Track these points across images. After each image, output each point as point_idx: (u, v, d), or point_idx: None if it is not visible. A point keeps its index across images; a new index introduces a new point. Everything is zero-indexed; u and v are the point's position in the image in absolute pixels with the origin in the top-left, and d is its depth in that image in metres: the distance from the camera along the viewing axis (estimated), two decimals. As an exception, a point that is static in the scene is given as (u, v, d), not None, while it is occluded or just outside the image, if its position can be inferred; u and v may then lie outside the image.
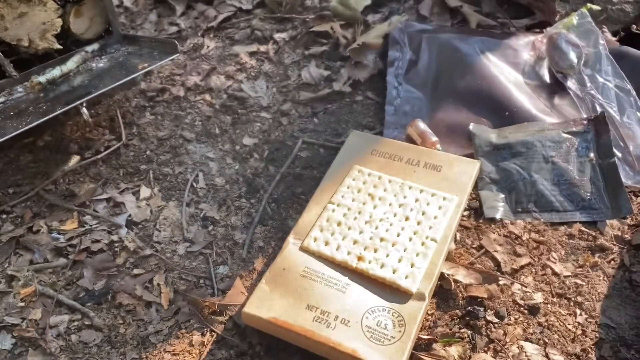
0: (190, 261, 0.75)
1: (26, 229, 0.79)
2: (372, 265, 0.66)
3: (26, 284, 0.72)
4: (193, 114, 0.98)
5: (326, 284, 0.65)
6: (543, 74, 0.96)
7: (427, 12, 1.15)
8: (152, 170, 0.88)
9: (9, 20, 0.84)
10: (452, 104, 0.93)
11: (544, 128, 0.85)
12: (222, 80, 1.05)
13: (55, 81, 0.89)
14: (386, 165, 0.79)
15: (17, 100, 0.87)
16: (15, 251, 0.77)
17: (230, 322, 0.67)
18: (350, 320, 0.61)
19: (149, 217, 0.81)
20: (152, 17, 1.23)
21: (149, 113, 0.99)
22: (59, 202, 0.83)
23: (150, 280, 0.73)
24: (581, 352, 0.62)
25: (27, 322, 0.68)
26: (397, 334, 0.59)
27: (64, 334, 0.67)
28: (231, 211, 0.82)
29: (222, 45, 1.14)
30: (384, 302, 0.63)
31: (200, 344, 0.65)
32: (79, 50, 0.94)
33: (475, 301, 0.67)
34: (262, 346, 0.64)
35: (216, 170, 0.88)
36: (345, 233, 0.70)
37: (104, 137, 0.94)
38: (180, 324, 0.68)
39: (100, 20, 0.96)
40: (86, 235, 0.78)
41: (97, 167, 0.89)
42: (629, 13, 1.04)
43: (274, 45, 1.13)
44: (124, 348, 0.66)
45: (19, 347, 0.66)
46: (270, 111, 0.98)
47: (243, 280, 0.72)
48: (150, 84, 1.04)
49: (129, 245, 0.76)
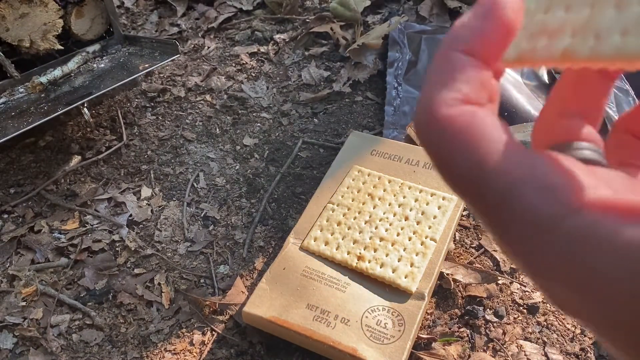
0: (190, 261, 0.75)
1: (27, 228, 0.80)
2: (371, 264, 0.66)
3: (27, 284, 0.73)
4: (194, 115, 0.99)
5: (326, 283, 0.65)
6: (542, 75, 0.96)
7: (427, 13, 1.15)
8: (153, 170, 0.89)
9: (10, 20, 0.84)
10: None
11: (543, 128, 0.85)
12: (223, 80, 1.05)
13: (57, 82, 0.90)
14: (386, 165, 0.79)
15: (18, 100, 0.87)
16: (16, 251, 0.77)
17: (230, 322, 0.68)
18: (350, 320, 0.61)
19: (150, 216, 0.81)
20: (153, 18, 1.23)
21: (149, 113, 0.99)
22: (60, 202, 0.83)
23: (151, 279, 0.73)
24: (580, 351, 0.62)
25: (29, 322, 0.69)
26: (397, 333, 0.60)
27: (65, 334, 0.68)
28: (232, 211, 0.82)
29: (222, 46, 1.14)
30: (384, 301, 0.63)
31: (201, 343, 0.66)
32: (80, 51, 0.95)
33: (474, 300, 0.67)
34: (262, 345, 0.65)
35: (217, 170, 0.89)
36: (345, 233, 0.70)
37: (105, 137, 0.94)
38: (181, 323, 0.68)
39: (102, 21, 0.97)
40: (87, 235, 0.79)
41: (98, 167, 0.89)
42: None
43: (274, 46, 1.13)
44: (125, 347, 0.66)
45: (20, 346, 0.67)
46: (270, 111, 0.99)
47: (243, 280, 0.72)
48: (151, 84, 1.04)
49: (130, 244, 0.77)
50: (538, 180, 0.16)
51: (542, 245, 0.15)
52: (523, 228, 0.16)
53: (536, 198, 0.16)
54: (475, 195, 0.17)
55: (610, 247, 0.14)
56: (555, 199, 0.15)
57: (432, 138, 0.18)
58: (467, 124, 0.17)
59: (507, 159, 0.17)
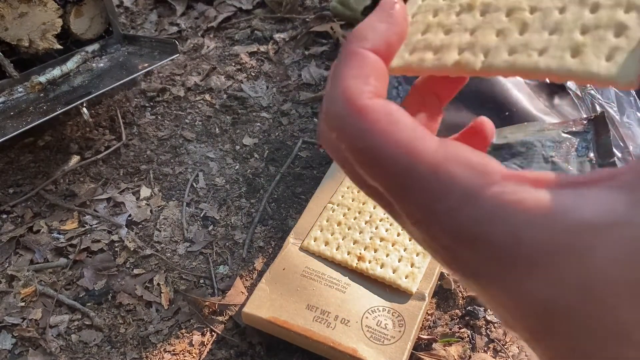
0: (190, 261, 0.75)
1: (26, 228, 0.79)
2: (372, 265, 0.66)
3: (26, 284, 0.72)
4: (193, 114, 0.99)
5: (326, 283, 0.65)
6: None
7: (427, 12, 1.15)
8: (152, 170, 0.88)
9: (9, 20, 0.84)
10: (451, 104, 0.92)
11: (543, 128, 0.85)
12: (222, 80, 1.05)
13: (56, 81, 0.89)
14: (386, 165, 0.79)
15: (17, 100, 0.87)
16: (15, 251, 0.77)
17: (230, 322, 0.67)
18: (350, 320, 0.61)
19: (149, 217, 0.81)
20: (153, 17, 1.23)
21: (149, 113, 0.99)
22: (59, 202, 0.83)
23: (150, 280, 0.73)
24: (581, 351, 0.62)
25: (28, 322, 0.68)
26: (397, 334, 0.60)
27: (64, 334, 0.67)
28: (231, 211, 0.82)
29: (222, 46, 1.14)
30: (384, 301, 0.63)
31: (201, 344, 0.65)
32: (79, 51, 0.94)
33: (475, 301, 0.67)
34: (262, 346, 0.64)
35: (216, 170, 0.88)
36: (345, 233, 0.70)
37: (104, 137, 0.94)
38: (181, 323, 0.68)
39: (101, 21, 0.96)
40: (86, 235, 0.78)
41: (97, 167, 0.89)
42: None
43: (274, 45, 1.13)
44: (124, 348, 0.66)
45: (19, 347, 0.66)
46: (270, 111, 0.99)
47: (243, 280, 0.72)
48: (150, 84, 1.04)
49: (129, 245, 0.76)
50: (462, 159, 0.19)
51: (470, 211, 0.18)
52: (453, 199, 0.18)
53: (463, 173, 0.18)
54: (404, 174, 0.19)
55: (530, 205, 0.17)
56: (479, 173, 0.18)
57: (358, 126, 0.20)
58: (388, 113, 0.20)
59: (433, 140, 0.19)
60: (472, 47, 0.23)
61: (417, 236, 0.21)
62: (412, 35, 0.25)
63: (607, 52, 0.20)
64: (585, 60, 0.20)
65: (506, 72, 0.22)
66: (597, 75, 0.19)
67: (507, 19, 0.23)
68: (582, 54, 0.20)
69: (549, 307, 0.17)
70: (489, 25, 0.23)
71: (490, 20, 0.23)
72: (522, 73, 0.21)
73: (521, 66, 0.21)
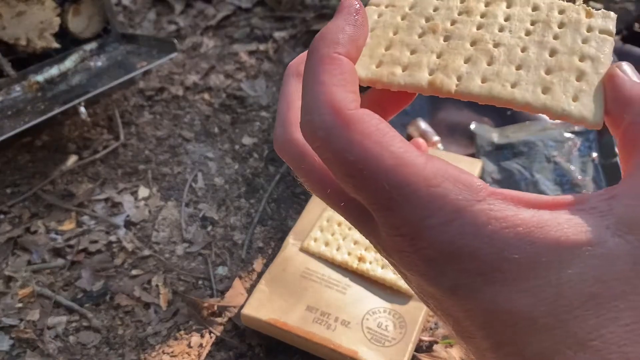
0: (189, 262, 0.75)
1: (24, 229, 0.79)
2: (372, 266, 0.65)
3: (24, 285, 0.72)
4: (192, 114, 0.98)
5: (326, 285, 0.64)
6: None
7: (428, 10, 1.14)
8: (150, 170, 0.88)
9: (6, 19, 0.84)
10: (453, 103, 0.92)
11: (545, 127, 0.84)
12: (222, 79, 1.04)
13: (53, 80, 0.89)
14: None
15: (14, 99, 0.86)
16: (13, 252, 0.76)
17: (229, 324, 0.67)
18: (351, 322, 0.60)
19: (148, 217, 0.80)
20: (151, 16, 1.22)
21: (147, 112, 0.98)
22: (57, 202, 0.82)
23: (148, 281, 0.72)
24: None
25: (25, 323, 0.68)
26: (398, 336, 0.59)
27: (62, 335, 0.67)
28: (230, 211, 0.81)
29: (221, 44, 1.13)
30: (385, 303, 0.62)
31: (199, 346, 0.65)
32: (77, 49, 0.94)
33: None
34: (261, 347, 0.64)
35: (215, 170, 0.88)
36: (345, 233, 0.69)
37: (102, 136, 0.93)
38: (179, 325, 0.67)
39: (99, 19, 0.96)
40: (84, 235, 0.78)
41: (95, 167, 0.88)
42: (631, 12, 1.03)
43: (274, 44, 1.12)
44: (123, 349, 0.65)
45: (17, 348, 0.66)
46: (269, 110, 0.98)
47: (242, 281, 0.71)
48: (148, 83, 1.03)
49: (127, 245, 0.76)
50: (451, 175, 0.19)
51: (459, 226, 0.19)
52: (444, 214, 0.19)
53: (454, 188, 0.19)
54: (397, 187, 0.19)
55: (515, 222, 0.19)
56: (468, 189, 0.19)
57: (347, 137, 0.20)
58: (376, 124, 0.20)
59: (420, 154, 0.20)
60: (444, 69, 0.23)
61: (393, 250, 0.21)
62: (374, 48, 0.25)
63: (573, 93, 0.22)
64: (555, 97, 0.22)
65: (482, 98, 0.22)
66: (569, 114, 0.21)
67: (473, 48, 0.24)
68: (551, 91, 0.22)
69: (522, 316, 0.18)
70: (456, 51, 0.24)
71: (455, 46, 0.24)
72: (498, 101, 0.22)
73: (497, 95, 0.22)
